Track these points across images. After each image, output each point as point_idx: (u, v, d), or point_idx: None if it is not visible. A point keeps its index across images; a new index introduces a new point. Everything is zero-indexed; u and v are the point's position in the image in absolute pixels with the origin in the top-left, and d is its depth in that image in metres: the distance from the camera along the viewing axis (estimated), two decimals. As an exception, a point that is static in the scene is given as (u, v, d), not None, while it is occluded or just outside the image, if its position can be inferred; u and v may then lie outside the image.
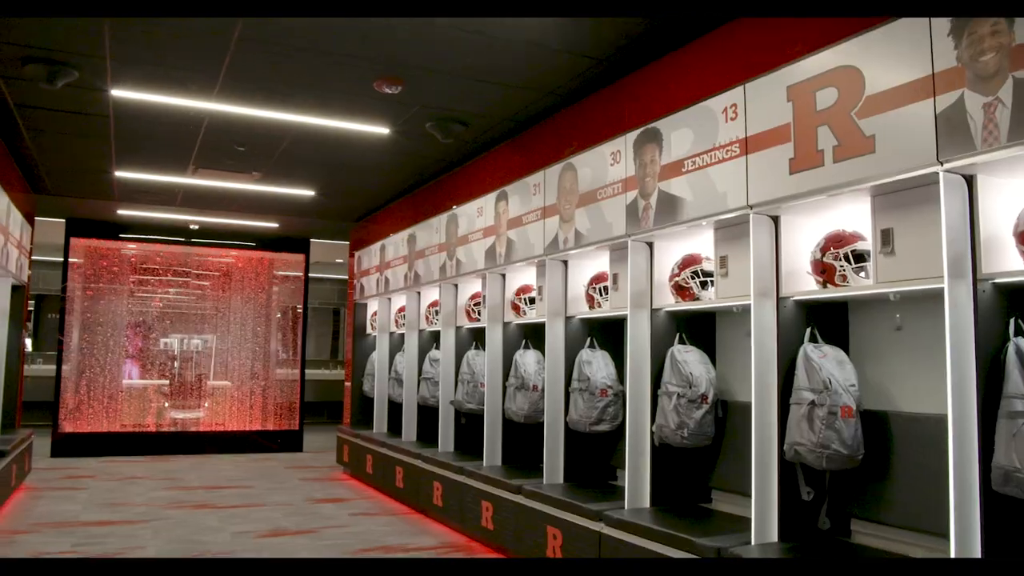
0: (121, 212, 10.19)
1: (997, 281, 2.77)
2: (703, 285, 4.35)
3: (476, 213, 6.53)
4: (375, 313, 9.48)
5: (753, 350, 3.60)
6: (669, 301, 4.51)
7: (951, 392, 2.70)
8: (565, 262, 5.43)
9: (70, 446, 10.61)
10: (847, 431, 3.34)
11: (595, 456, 5.40)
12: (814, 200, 3.37)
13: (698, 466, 4.52)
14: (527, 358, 6.10)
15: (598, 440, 5.35)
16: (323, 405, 16.22)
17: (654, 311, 4.51)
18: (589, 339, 5.39)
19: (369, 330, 9.79)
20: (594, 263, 5.36)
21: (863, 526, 3.58)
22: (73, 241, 10.91)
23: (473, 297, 6.96)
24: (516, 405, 5.99)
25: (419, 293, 8.02)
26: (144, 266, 11.61)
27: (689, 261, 4.38)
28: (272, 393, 12.04)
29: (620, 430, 5.14)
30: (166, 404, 11.46)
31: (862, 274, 3.37)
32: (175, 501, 7.52)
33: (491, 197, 6.27)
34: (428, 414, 7.82)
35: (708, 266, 4.34)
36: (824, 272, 3.46)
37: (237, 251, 12.04)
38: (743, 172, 3.72)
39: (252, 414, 11.91)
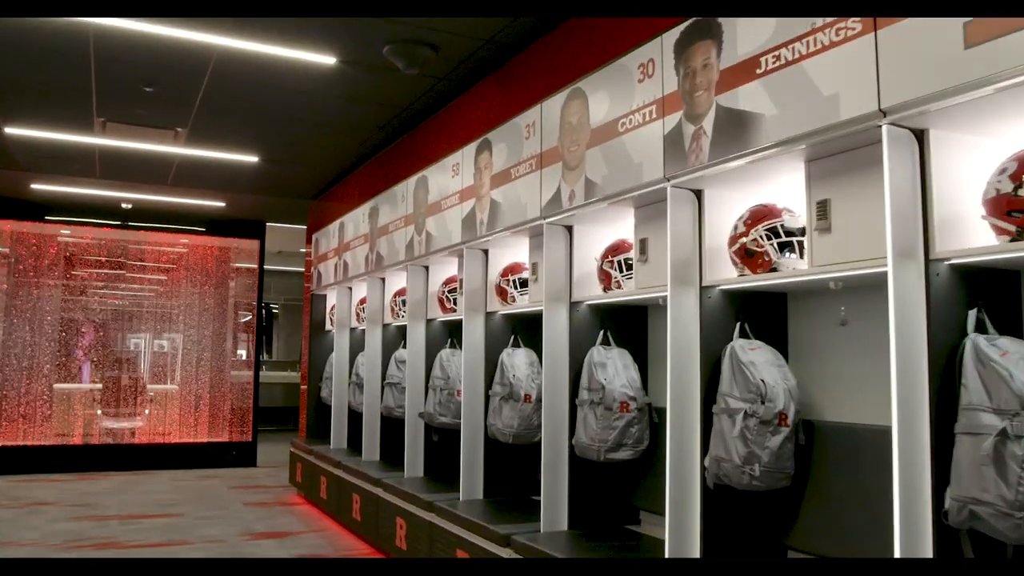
0: (37, 187, 8.66)
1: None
2: (783, 248, 2.90)
3: (451, 172, 5.09)
4: (334, 306, 8.02)
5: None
6: (725, 275, 3.07)
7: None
8: (569, 228, 4.00)
9: (-20, 462, 9.08)
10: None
11: (611, 493, 3.98)
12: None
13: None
14: (517, 359, 4.69)
15: (615, 472, 3.93)
16: (290, 411, 14.65)
17: (704, 289, 3.08)
18: (603, 333, 3.96)
19: (328, 326, 8.33)
20: (610, 229, 3.93)
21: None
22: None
23: (448, 282, 5.52)
24: (503, 421, 4.57)
25: (383, 280, 6.58)
26: (83, 256, 10.09)
27: (762, 215, 2.95)
28: (225, 399, 10.54)
29: (647, 457, 3.74)
30: (98, 412, 9.94)
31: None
32: (75, 538, 6.03)
33: (470, 149, 4.84)
34: (394, 427, 6.38)
35: (792, 222, 2.90)
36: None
37: (187, 237, 10.54)
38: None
39: (199, 423, 10.41)
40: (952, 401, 2.21)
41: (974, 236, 2.27)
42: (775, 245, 2.87)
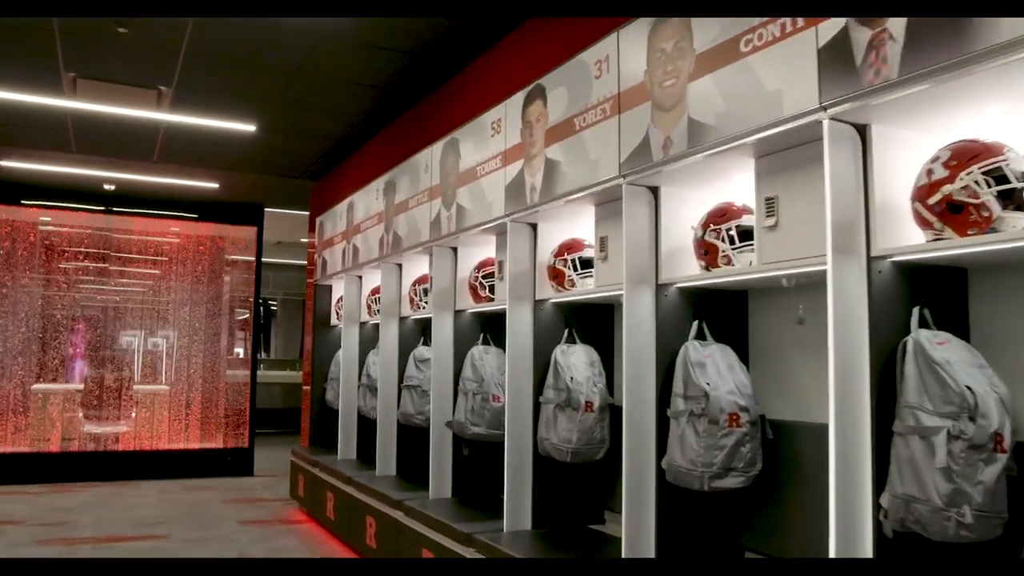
0: (7, 164, 7.76)
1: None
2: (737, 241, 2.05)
3: (490, 131, 4.21)
4: (341, 298, 7.13)
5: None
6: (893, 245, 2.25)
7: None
8: (655, 189, 3.12)
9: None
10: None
11: (713, 529, 3.12)
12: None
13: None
14: (574, 358, 3.83)
15: (718, 503, 3.07)
16: (289, 413, 13.82)
17: (874, 262, 2.24)
18: (697, 325, 3.09)
19: (334, 320, 7.45)
20: (707, 192, 3.06)
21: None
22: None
23: (482, 266, 4.64)
24: (558, 434, 3.71)
25: (400, 265, 5.69)
26: (65, 248, 9.20)
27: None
28: (219, 401, 9.66)
29: (758, 485, 2.91)
30: (80, 415, 9.05)
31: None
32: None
33: (516, 100, 3.96)
34: (413, 437, 5.53)
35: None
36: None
37: (177, 225, 9.64)
38: None
39: (191, 427, 9.52)
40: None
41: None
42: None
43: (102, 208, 9.17)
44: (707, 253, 2.94)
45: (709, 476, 2.91)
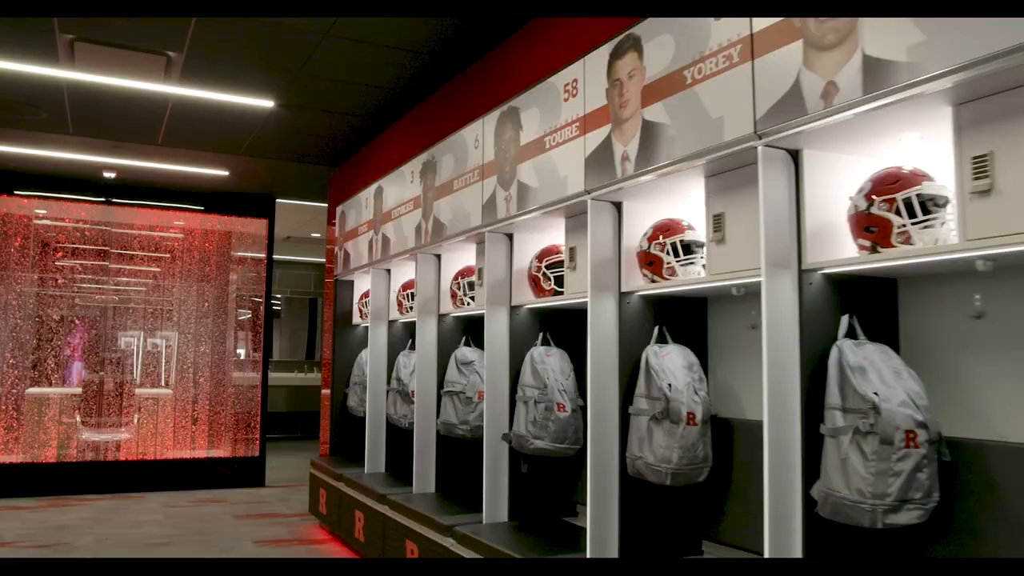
0: (-2, 149, 7.17)
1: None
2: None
3: (563, 94, 3.60)
4: (366, 293, 6.54)
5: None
6: None
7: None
8: (795, 154, 2.54)
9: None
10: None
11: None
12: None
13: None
14: (670, 362, 3.24)
15: (891, 539, 2.50)
16: (296, 417, 13.30)
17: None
18: (848, 321, 2.51)
19: (357, 319, 6.84)
20: (859, 158, 2.50)
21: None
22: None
23: (544, 255, 4.03)
24: (654, 452, 3.14)
25: (438, 256, 5.10)
26: (62, 244, 8.60)
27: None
28: (226, 406, 9.05)
29: (937, 518, 2.36)
30: (78, 420, 8.44)
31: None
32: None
33: (599, 55, 3.35)
34: (455, 450, 4.97)
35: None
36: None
37: (182, 217, 9.03)
38: None
39: (198, 434, 8.92)
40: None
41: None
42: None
43: (101, 199, 8.56)
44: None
45: (882, 510, 2.32)
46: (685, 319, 3.42)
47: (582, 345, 4.23)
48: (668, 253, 3.15)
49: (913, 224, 2.28)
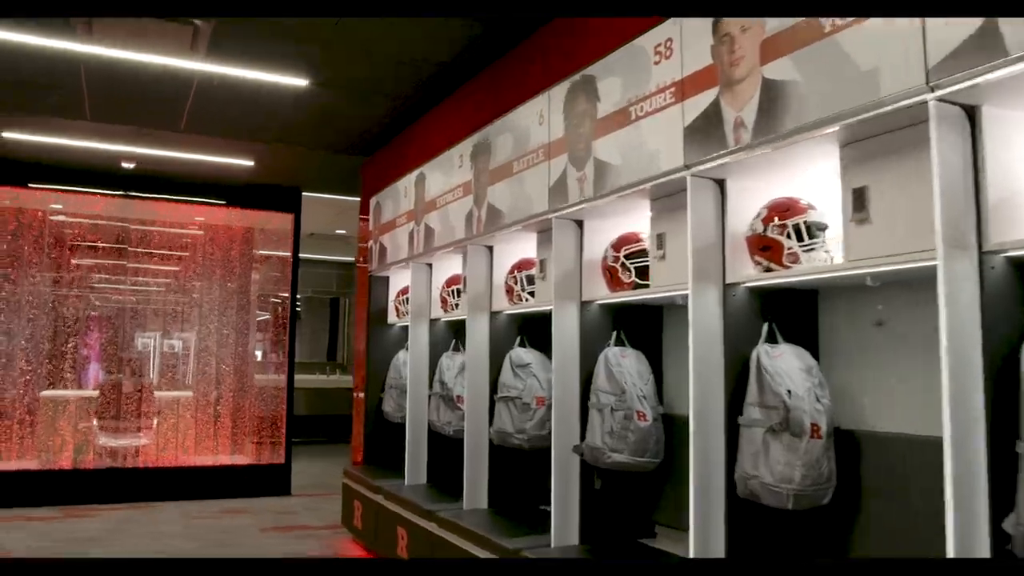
0: (11, 136, 6.74)
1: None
2: None
3: (652, 56, 3.15)
4: (404, 290, 6.11)
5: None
6: None
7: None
8: (971, 111, 2.10)
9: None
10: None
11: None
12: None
13: None
14: (785, 363, 2.82)
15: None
16: (318, 421, 12.87)
17: None
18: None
19: (393, 317, 6.40)
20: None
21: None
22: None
23: (623, 243, 3.59)
24: (772, 469, 2.73)
25: (490, 248, 4.66)
26: (78, 242, 8.25)
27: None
28: (248, 410, 8.65)
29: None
30: (95, 425, 8.04)
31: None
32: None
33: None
34: (509, 462, 4.55)
35: None
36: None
37: (203, 213, 8.64)
38: None
39: (220, 440, 8.52)
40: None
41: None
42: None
43: (119, 192, 8.15)
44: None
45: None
46: (796, 315, 2.99)
47: (657, 345, 3.84)
48: (789, 237, 2.70)
49: None
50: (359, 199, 8.46)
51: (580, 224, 3.77)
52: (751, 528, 2.81)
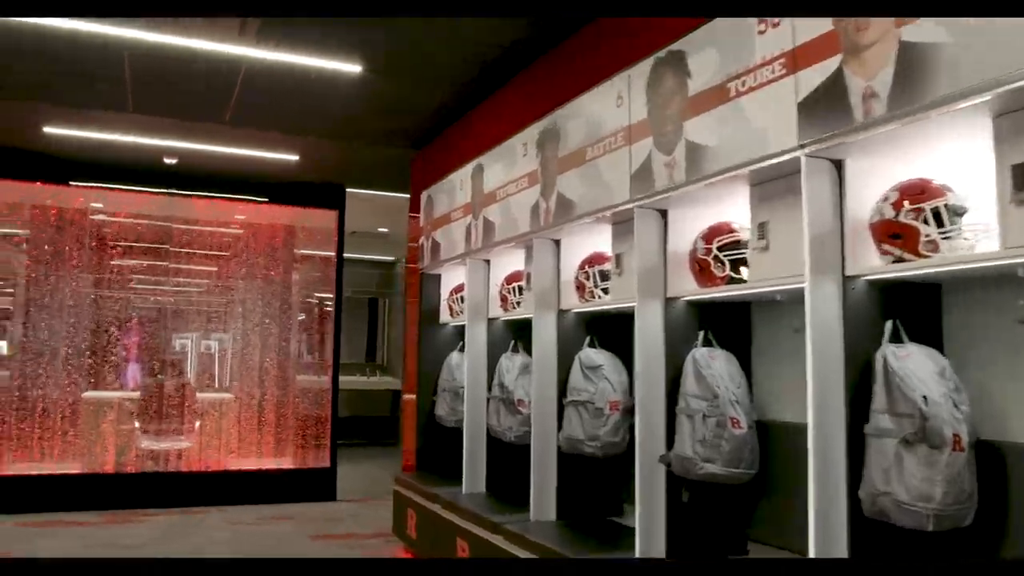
0: (52, 131, 6.60)
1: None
2: None
3: (756, 27, 2.86)
4: (458, 288, 5.87)
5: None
6: None
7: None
8: None
9: (-17, 496, 7.05)
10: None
11: None
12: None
13: None
14: (914, 364, 2.54)
15: None
16: (358, 423, 12.73)
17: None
18: None
19: (445, 316, 6.15)
20: None
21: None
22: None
23: (715, 234, 3.29)
24: (907, 485, 2.45)
25: (557, 243, 4.38)
26: (119, 242, 8.12)
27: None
28: (291, 412, 8.47)
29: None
30: (136, 426, 7.88)
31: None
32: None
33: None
34: (580, 471, 4.28)
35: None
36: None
37: (245, 211, 8.48)
38: None
39: (263, 443, 8.35)
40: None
41: None
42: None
43: (162, 189, 7.98)
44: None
45: None
46: (920, 311, 2.69)
47: (745, 346, 3.54)
48: (926, 222, 2.40)
49: None
50: (403, 195, 8.26)
51: (664, 214, 3.49)
52: (878, 550, 2.51)
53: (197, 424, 8.12)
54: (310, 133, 6.61)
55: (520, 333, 5.01)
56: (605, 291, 4.05)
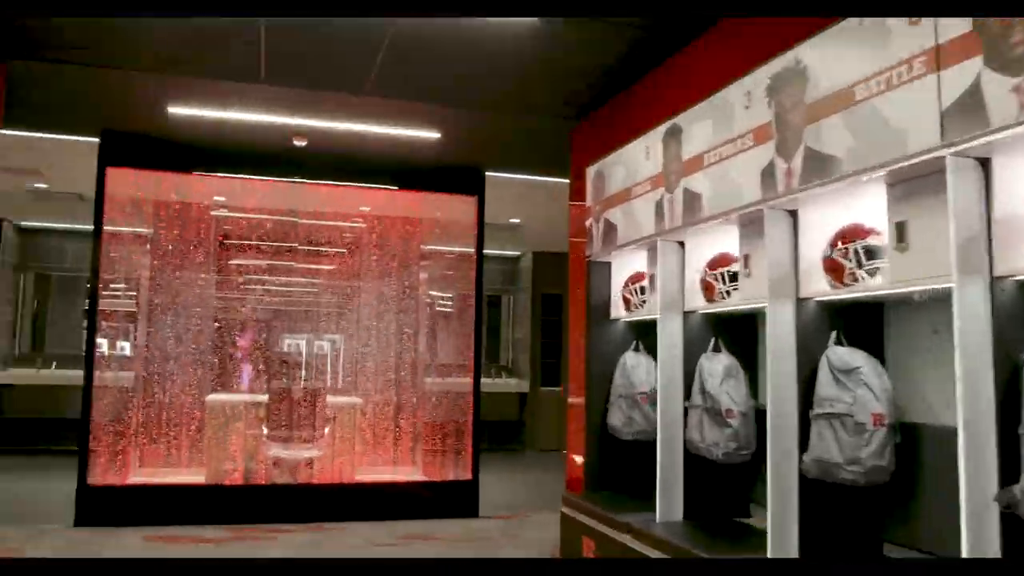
0: (177, 111, 6.07)
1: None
2: None
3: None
4: (635, 277, 5.06)
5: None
6: None
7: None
8: None
9: (106, 506, 6.56)
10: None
11: None
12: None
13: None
14: None
15: None
16: (483, 426, 11.97)
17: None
18: None
19: (618, 311, 5.33)
20: None
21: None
22: (114, 177, 6.82)
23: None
24: None
25: (792, 214, 3.50)
26: (243, 239, 7.68)
27: None
28: (426, 418, 7.84)
29: None
30: (264, 431, 7.32)
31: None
32: None
33: None
34: (833, 501, 3.37)
35: None
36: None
37: (370, 201, 7.88)
38: None
39: (400, 453, 7.74)
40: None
41: None
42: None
43: (287, 178, 7.37)
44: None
45: None
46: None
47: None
48: None
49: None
50: (544, 178, 7.52)
51: (984, 164, 2.58)
52: None
53: (327, 430, 7.52)
54: (460, 104, 5.87)
55: (724, 328, 4.32)
56: (870, 272, 3.15)
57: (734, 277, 4.06)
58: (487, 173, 7.65)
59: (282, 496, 7.03)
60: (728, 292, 4.11)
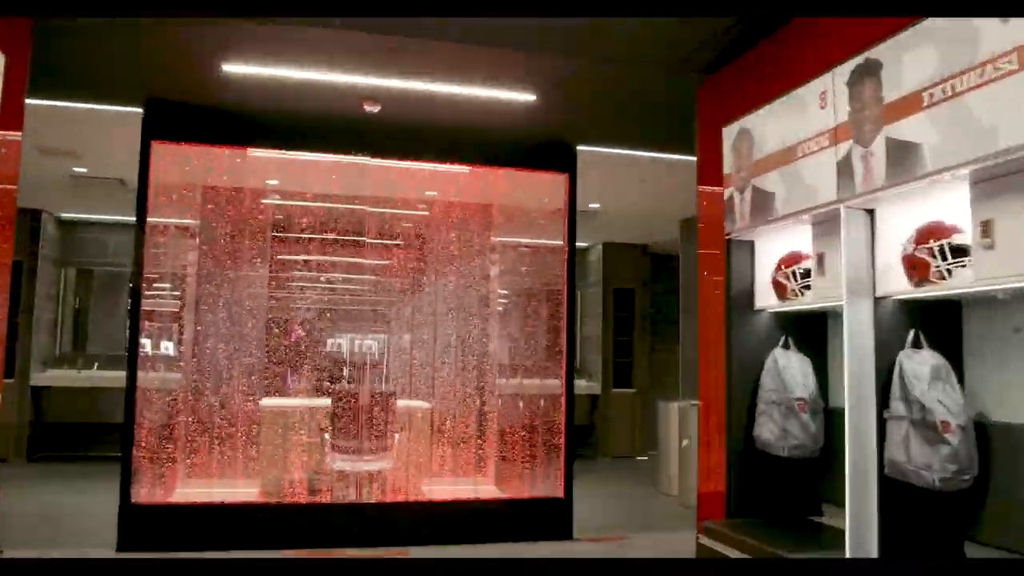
0: (231, 69, 5.26)
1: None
2: None
3: None
4: (792, 258, 4.19)
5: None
6: None
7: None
8: None
9: (152, 529, 5.79)
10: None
11: None
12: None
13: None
14: None
15: None
16: (575, 435, 11.16)
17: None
18: None
19: (765, 300, 4.46)
20: None
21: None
22: (159, 157, 6.05)
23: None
24: None
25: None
26: (301, 229, 6.98)
27: None
28: (508, 427, 7.02)
29: None
30: (326, 439, 6.53)
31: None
32: None
33: None
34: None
35: None
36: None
37: (438, 184, 7.09)
38: None
39: (483, 467, 6.94)
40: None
41: None
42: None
43: (353, 153, 6.53)
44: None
45: None
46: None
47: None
48: None
49: None
50: (635, 152, 6.68)
51: None
52: None
53: (396, 439, 6.70)
54: (568, 54, 4.99)
55: (916, 318, 3.45)
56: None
57: (958, 252, 3.16)
58: (578, 148, 6.78)
59: (351, 517, 6.19)
60: (948, 271, 3.20)
